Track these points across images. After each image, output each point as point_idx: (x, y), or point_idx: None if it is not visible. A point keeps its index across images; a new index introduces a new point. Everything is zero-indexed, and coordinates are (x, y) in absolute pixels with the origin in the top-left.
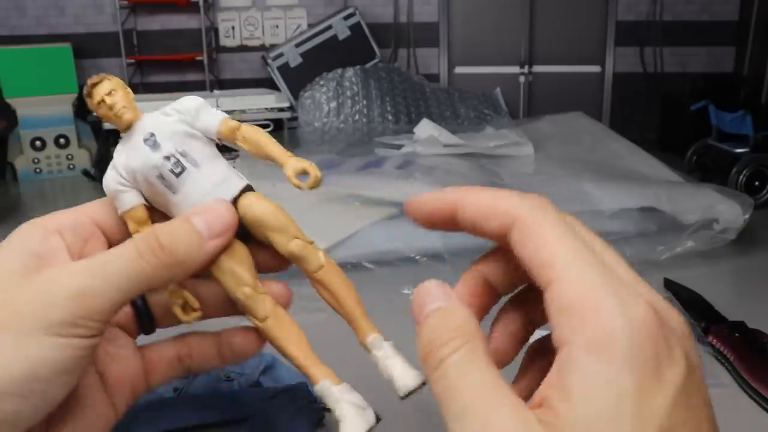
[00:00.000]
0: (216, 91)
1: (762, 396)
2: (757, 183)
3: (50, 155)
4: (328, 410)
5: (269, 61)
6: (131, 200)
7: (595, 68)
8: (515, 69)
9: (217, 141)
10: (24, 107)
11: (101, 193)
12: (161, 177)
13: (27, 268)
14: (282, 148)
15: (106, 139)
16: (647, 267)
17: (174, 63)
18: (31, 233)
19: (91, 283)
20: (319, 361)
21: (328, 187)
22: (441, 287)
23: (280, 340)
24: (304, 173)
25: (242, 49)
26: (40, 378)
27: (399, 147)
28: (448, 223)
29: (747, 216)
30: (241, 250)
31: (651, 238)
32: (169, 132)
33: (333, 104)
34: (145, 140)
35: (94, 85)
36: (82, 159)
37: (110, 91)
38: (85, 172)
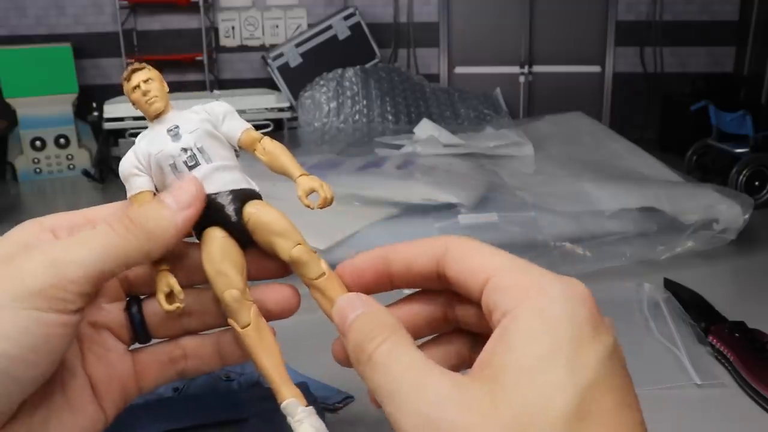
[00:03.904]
0: (216, 91)
1: (762, 396)
2: (757, 183)
3: (50, 155)
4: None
5: (269, 61)
6: (141, 185)
7: (595, 68)
8: (515, 69)
9: (237, 148)
10: (24, 107)
11: (101, 193)
12: (174, 166)
13: (10, 255)
14: (298, 165)
15: (106, 139)
16: (647, 267)
17: (174, 63)
18: (25, 229)
19: (62, 255)
20: (289, 379)
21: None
22: (360, 297)
23: (257, 352)
24: (314, 192)
25: (242, 49)
26: (7, 354)
27: (399, 147)
28: (381, 277)
29: (747, 216)
30: (237, 255)
31: (651, 238)
32: (193, 127)
33: (333, 104)
34: (169, 130)
35: (135, 70)
36: (82, 159)
37: (147, 79)
38: (85, 172)
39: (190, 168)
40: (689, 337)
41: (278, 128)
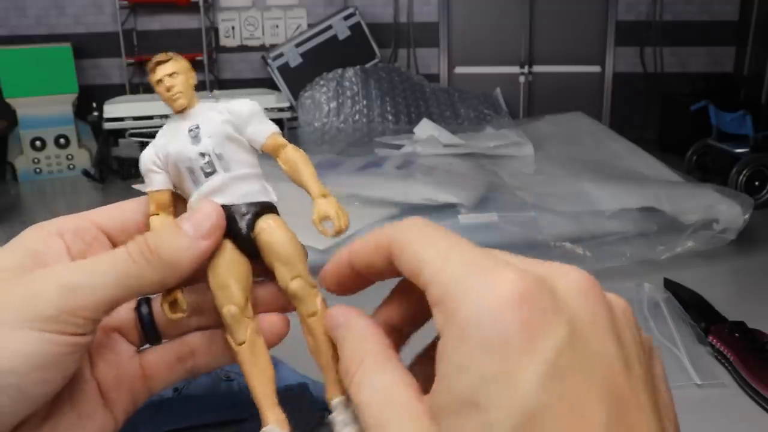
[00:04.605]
0: (216, 91)
1: (762, 396)
2: (757, 183)
3: (50, 155)
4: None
5: (269, 61)
6: (159, 182)
7: (595, 68)
8: (515, 69)
9: (261, 152)
10: (24, 107)
11: (101, 193)
12: (191, 170)
13: (23, 266)
14: (318, 183)
15: (106, 139)
16: (647, 267)
17: None
18: (31, 235)
19: (77, 280)
20: (277, 404)
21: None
22: (342, 309)
23: (248, 371)
24: (328, 218)
25: (242, 49)
26: (19, 372)
27: (399, 147)
28: (353, 279)
29: (747, 216)
30: (243, 269)
31: (651, 238)
32: (214, 131)
33: (333, 104)
34: (189, 130)
35: (159, 63)
36: (82, 159)
37: (172, 73)
38: (85, 172)
39: (207, 175)
40: (689, 337)
41: (278, 128)
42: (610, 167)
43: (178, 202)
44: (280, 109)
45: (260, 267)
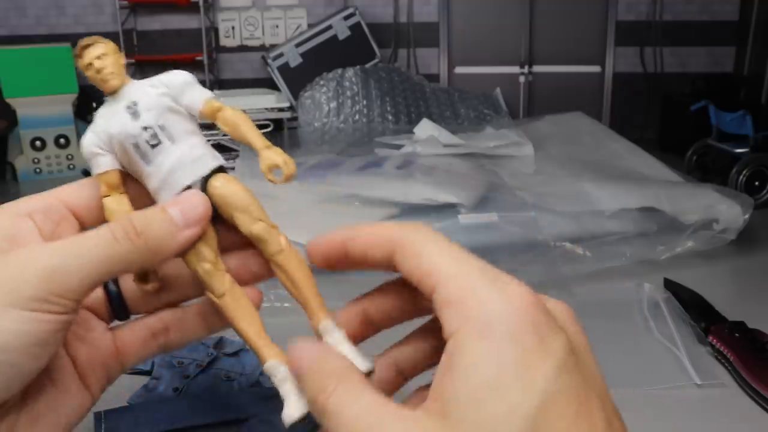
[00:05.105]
0: (216, 91)
1: (762, 396)
2: (757, 183)
3: (50, 155)
4: None
5: (269, 61)
6: (106, 164)
7: (595, 68)
8: (515, 69)
9: (199, 119)
10: (24, 107)
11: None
12: (137, 146)
13: (0, 249)
14: (261, 136)
15: None
16: (647, 267)
17: (174, 63)
18: (1, 219)
19: (64, 262)
20: (270, 341)
21: (328, 187)
22: (308, 345)
23: (235, 318)
24: (276, 167)
25: (242, 49)
26: (9, 349)
27: (399, 147)
28: (342, 260)
29: (747, 216)
30: (207, 229)
31: (651, 238)
32: (152, 103)
33: (333, 104)
34: (127, 108)
35: (86, 47)
36: (82, 159)
37: (101, 55)
38: (85, 172)
39: (152, 147)
40: (689, 337)
41: (278, 128)
42: (610, 167)
43: (127, 180)
44: (280, 109)
45: (224, 231)
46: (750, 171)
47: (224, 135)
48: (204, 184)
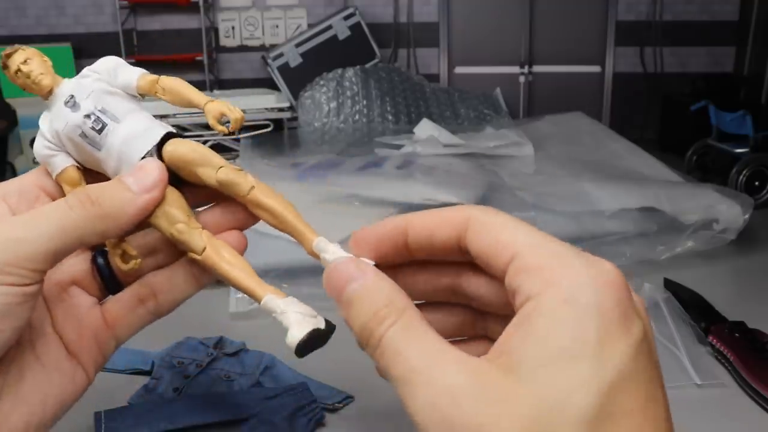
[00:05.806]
0: (216, 91)
1: (762, 396)
2: (757, 183)
3: None
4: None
5: (269, 61)
6: (62, 162)
7: (595, 68)
8: (515, 69)
9: (139, 96)
10: (24, 107)
11: None
12: (84, 135)
13: None
14: (201, 94)
15: None
16: (647, 267)
17: (174, 63)
18: None
19: (19, 232)
20: (262, 282)
21: (328, 187)
22: (357, 264)
23: (221, 268)
24: (224, 117)
25: (242, 49)
26: None
27: (399, 147)
28: (394, 248)
29: (747, 216)
30: (171, 194)
31: (651, 238)
32: (88, 91)
33: (333, 104)
34: (66, 102)
35: (8, 56)
36: None
37: (25, 60)
38: None
39: (99, 131)
40: (689, 337)
41: (278, 128)
42: (610, 167)
43: (86, 175)
44: (280, 109)
45: (192, 193)
46: (750, 171)
47: (223, 135)
48: (159, 152)
